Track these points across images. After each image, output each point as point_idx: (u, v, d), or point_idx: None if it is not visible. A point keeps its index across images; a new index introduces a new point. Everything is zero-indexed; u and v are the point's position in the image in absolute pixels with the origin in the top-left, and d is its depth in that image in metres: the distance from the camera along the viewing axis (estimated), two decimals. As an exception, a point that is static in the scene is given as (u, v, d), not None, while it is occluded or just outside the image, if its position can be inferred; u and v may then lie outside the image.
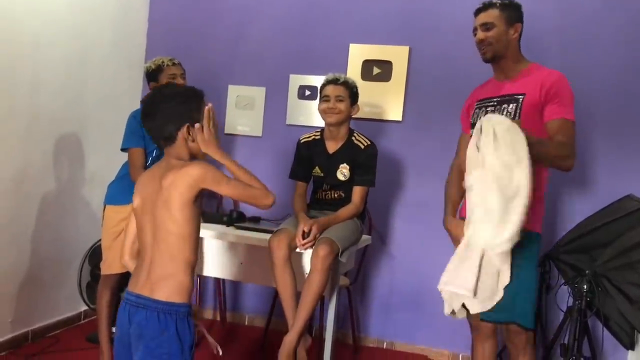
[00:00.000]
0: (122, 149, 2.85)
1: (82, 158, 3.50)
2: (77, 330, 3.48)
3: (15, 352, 3.03)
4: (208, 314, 3.94)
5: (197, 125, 1.80)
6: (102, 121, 3.61)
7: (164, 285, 1.74)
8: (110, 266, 2.83)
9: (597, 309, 2.69)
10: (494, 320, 2.23)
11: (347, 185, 2.87)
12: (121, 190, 2.85)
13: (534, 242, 2.24)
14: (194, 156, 1.86)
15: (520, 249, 2.10)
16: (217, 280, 3.82)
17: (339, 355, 3.34)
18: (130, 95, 3.91)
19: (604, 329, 2.85)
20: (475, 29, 2.37)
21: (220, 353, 1.90)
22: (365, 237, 3.01)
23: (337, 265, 2.58)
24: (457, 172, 2.48)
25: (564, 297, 2.96)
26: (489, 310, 2.14)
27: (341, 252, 2.52)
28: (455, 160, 2.58)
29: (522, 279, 2.16)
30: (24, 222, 3.11)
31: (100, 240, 2.97)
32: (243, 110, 3.84)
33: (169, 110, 1.79)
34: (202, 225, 2.81)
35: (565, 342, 2.81)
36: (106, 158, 3.50)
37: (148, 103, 1.84)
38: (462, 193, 2.35)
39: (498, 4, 2.32)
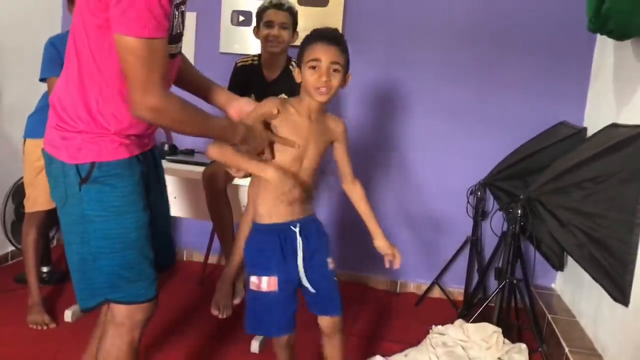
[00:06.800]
0: (41, 79, 2.66)
1: (-2, 89, 3.25)
2: (5, 271, 3.32)
3: (-63, 296, 2.88)
4: (145, 250, 3.84)
5: None
6: (19, 48, 3.34)
7: None
8: (34, 203, 2.69)
9: (530, 232, 2.76)
10: None
11: None
12: (41, 122, 2.61)
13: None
14: None
15: None
16: (152, 215, 3.71)
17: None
18: (49, 19, 3.62)
19: (536, 252, 2.94)
20: None
21: None
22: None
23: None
24: None
25: (499, 223, 3.04)
26: None
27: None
28: None
29: None
30: (-63, 159, 2.89)
31: (22, 177, 2.80)
32: (173, 37, 3.62)
33: None
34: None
35: (499, 265, 2.89)
36: (26, 88, 3.25)
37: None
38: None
39: None
